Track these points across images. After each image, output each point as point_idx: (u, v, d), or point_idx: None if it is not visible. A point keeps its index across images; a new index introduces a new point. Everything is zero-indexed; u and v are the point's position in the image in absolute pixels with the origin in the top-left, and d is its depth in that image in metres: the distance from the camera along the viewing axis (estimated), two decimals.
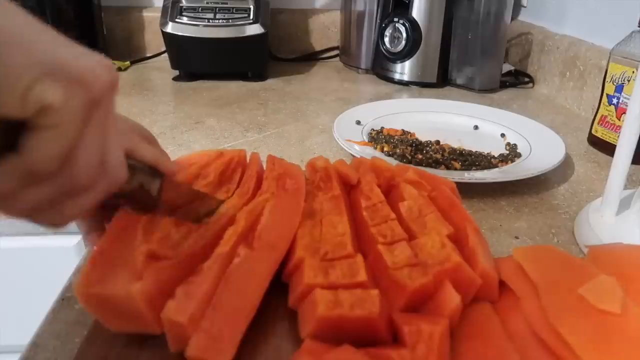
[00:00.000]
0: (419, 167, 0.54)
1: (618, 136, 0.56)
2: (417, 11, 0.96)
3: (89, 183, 0.25)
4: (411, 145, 0.66)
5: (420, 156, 0.63)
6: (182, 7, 0.96)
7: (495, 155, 0.65)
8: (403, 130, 0.72)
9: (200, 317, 0.31)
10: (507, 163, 0.63)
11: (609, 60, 0.69)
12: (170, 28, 0.95)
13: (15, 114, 0.21)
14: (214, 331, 0.31)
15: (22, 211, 0.24)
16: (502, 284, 0.36)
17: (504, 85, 1.01)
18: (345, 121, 0.72)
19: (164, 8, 0.97)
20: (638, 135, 0.45)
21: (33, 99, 0.21)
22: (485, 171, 0.60)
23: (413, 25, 0.97)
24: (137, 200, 0.34)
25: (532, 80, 1.03)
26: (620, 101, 0.67)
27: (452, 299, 0.32)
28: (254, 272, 0.35)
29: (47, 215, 0.25)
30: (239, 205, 0.41)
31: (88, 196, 0.26)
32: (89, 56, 0.24)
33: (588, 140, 0.75)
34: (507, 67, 1.03)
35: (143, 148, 0.34)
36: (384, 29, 1.01)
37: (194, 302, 0.31)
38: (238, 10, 0.96)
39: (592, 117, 0.73)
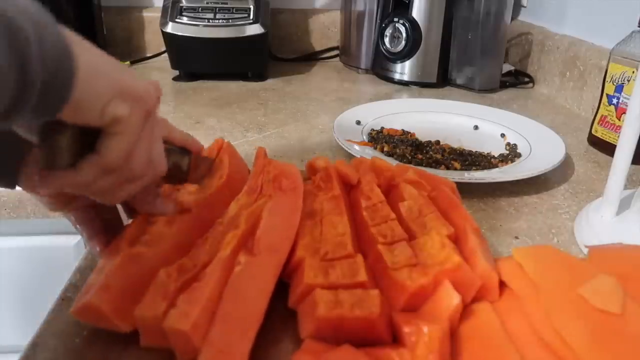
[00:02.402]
0: (419, 167, 0.54)
1: (618, 136, 0.56)
2: (417, 11, 0.96)
3: (141, 173, 0.33)
4: (411, 145, 0.66)
5: (420, 156, 0.63)
6: (182, 7, 0.96)
7: (495, 155, 0.65)
8: (403, 130, 0.72)
9: (204, 324, 0.30)
10: (507, 163, 0.63)
11: (609, 60, 0.69)
12: (170, 28, 0.95)
13: (96, 123, 0.29)
14: (223, 344, 0.30)
15: (93, 193, 0.32)
16: (502, 284, 0.36)
17: (504, 85, 1.01)
18: (345, 121, 0.72)
19: (164, 8, 0.97)
20: (638, 135, 0.45)
21: (109, 112, 0.28)
22: (485, 171, 0.60)
23: (413, 25, 0.97)
24: (171, 175, 0.39)
25: (532, 80, 1.03)
26: (620, 101, 0.67)
27: (452, 299, 0.32)
28: (257, 278, 0.34)
29: (106, 196, 0.33)
30: (250, 203, 0.41)
31: (138, 183, 0.34)
32: (143, 80, 0.32)
33: (588, 140, 0.75)
34: (507, 67, 1.03)
35: (174, 132, 0.40)
36: (384, 29, 1.01)
37: (197, 309, 0.30)
38: (238, 10, 0.96)
39: (592, 117, 0.73)
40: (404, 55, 1.00)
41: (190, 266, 0.35)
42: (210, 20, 0.95)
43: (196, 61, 1.00)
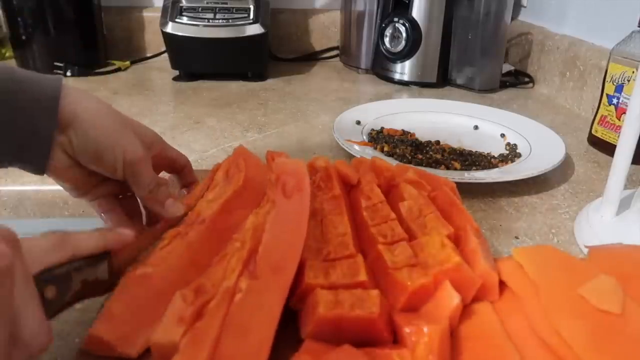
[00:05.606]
0: (419, 167, 0.54)
1: (618, 136, 0.56)
2: (417, 11, 0.96)
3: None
4: (411, 145, 0.66)
5: (420, 156, 0.63)
6: (182, 7, 0.96)
7: (495, 155, 0.65)
8: (403, 130, 0.72)
9: None
10: (507, 163, 0.63)
11: (609, 60, 0.69)
12: (170, 28, 0.95)
13: None
14: None
15: None
16: (502, 284, 0.36)
17: (504, 85, 1.01)
18: (345, 121, 0.72)
19: (164, 8, 0.97)
20: (638, 135, 0.45)
21: None
22: (485, 171, 0.60)
23: (413, 25, 0.97)
24: (88, 294, 0.31)
25: (532, 80, 1.03)
26: (620, 101, 0.67)
27: (452, 299, 0.32)
28: (260, 306, 0.31)
29: None
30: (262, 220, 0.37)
31: None
32: None
33: (588, 140, 0.75)
34: (507, 67, 1.03)
35: (79, 243, 0.30)
36: (384, 29, 1.01)
37: (203, 354, 0.28)
38: (238, 10, 0.96)
39: (592, 117, 0.73)
40: (404, 55, 1.00)
41: (209, 287, 0.32)
42: (210, 20, 0.95)
43: (196, 61, 1.00)
